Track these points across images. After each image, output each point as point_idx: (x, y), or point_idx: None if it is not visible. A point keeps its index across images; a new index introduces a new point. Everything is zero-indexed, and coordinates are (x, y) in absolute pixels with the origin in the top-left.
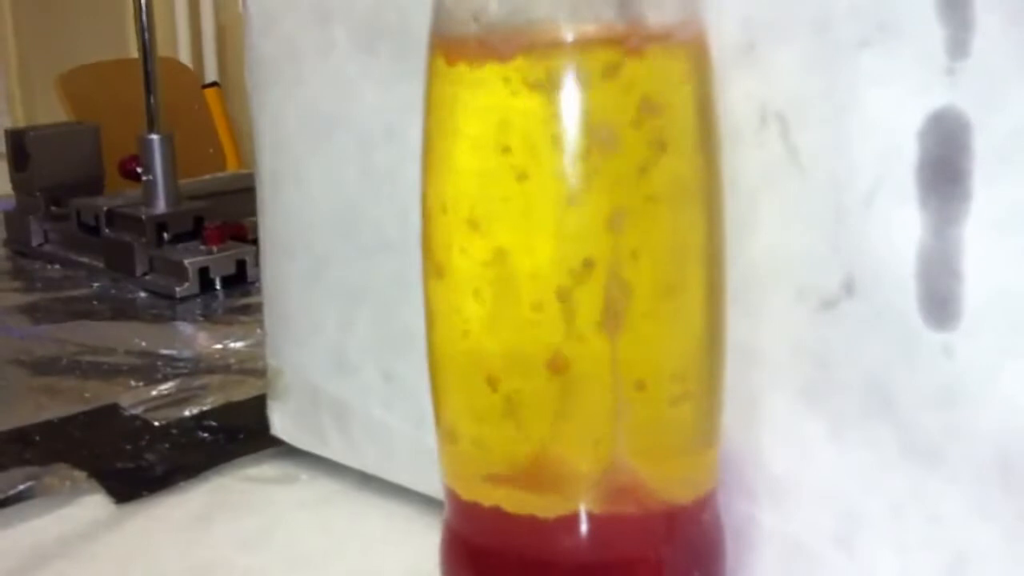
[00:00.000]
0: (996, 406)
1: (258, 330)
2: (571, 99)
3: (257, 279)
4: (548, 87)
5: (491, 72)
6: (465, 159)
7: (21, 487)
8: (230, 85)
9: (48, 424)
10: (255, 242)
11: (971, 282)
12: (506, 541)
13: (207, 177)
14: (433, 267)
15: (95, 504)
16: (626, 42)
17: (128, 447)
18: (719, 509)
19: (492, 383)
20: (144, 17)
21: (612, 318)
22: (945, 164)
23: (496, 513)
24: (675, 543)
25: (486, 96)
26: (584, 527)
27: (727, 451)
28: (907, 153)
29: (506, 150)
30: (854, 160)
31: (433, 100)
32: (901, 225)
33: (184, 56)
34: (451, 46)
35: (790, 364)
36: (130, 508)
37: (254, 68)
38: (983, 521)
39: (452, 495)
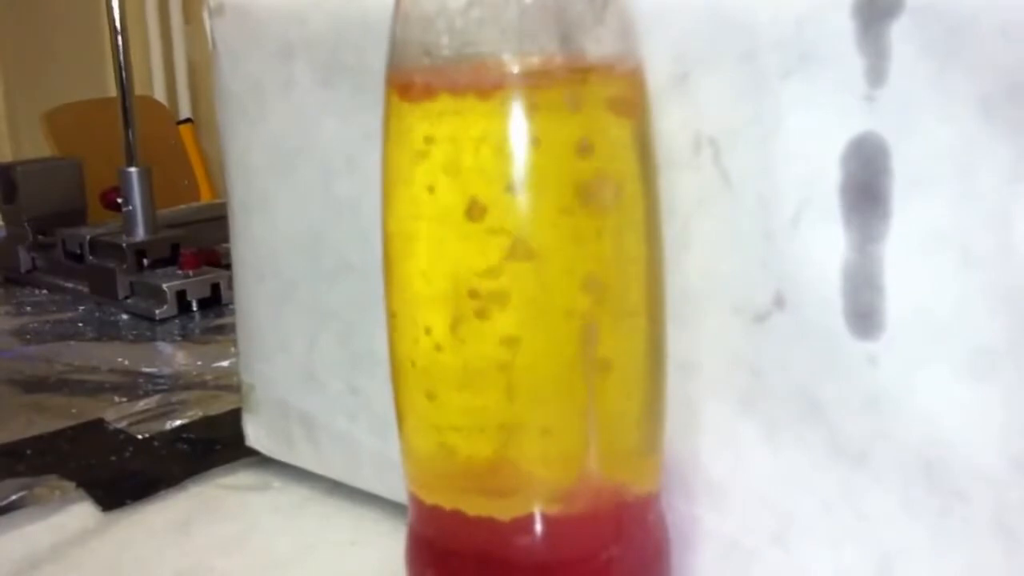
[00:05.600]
0: (918, 410)
1: (232, 348)
2: (517, 129)
3: (231, 301)
4: (495, 118)
5: (442, 104)
6: (420, 187)
7: (14, 497)
8: (202, 121)
9: (38, 438)
10: (228, 267)
11: (892, 295)
12: (466, 542)
13: (183, 207)
14: (394, 287)
15: (83, 512)
16: (569, 74)
17: (113, 459)
18: (663, 510)
19: (452, 395)
20: (122, 59)
21: (570, 338)
22: (866, 186)
23: (456, 516)
24: (623, 543)
25: (438, 127)
26: (539, 528)
27: (669, 456)
28: (831, 176)
29: (457, 178)
30: (782, 182)
31: (389, 132)
32: (826, 243)
33: (159, 94)
34: (404, 79)
35: (726, 374)
36: (116, 516)
37: (223, 104)
38: (908, 517)
39: (415, 499)
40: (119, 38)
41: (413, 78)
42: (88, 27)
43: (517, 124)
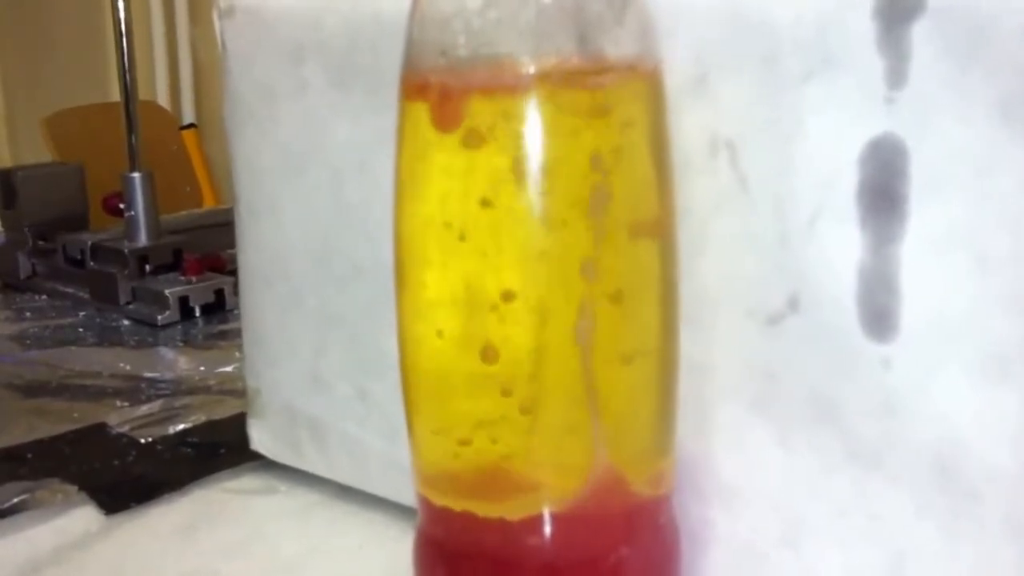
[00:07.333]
0: (931, 413)
1: (236, 354)
2: (533, 130)
3: (235, 307)
4: (511, 119)
5: (457, 105)
6: (433, 190)
7: (15, 500)
8: (206, 126)
9: (40, 442)
10: (233, 273)
11: (907, 298)
12: (476, 543)
13: (186, 213)
14: (405, 291)
15: (86, 516)
16: (586, 75)
17: (116, 462)
18: (675, 512)
19: (463, 399)
20: (126, 63)
21: (580, 341)
22: (883, 188)
23: (466, 516)
24: (634, 544)
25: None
26: (549, 529)
27: (682, 459)
28: (848, 178)
29: (471, 180)
30: (799, 185)
31: (404, 133)
32: (842, 245)
33: (162, 99)
34: (420, 80)
35: (740, 377)
36: (119, 519)
37: (231, 107)
38: (921, 520)
39: (424, 501)
40: (124, 41)
41: (429, 79)
42: (90, 31)
43: (533, 124)
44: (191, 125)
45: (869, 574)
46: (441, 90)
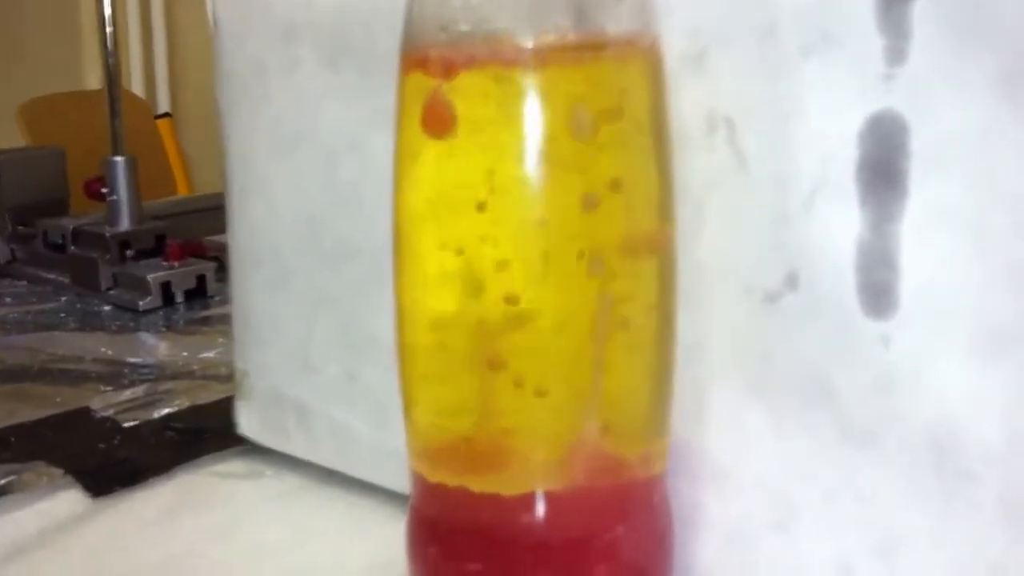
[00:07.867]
0: (929, 392)
1: (220, 340)
2: (532, 106)
3: (217, 293)
4: (510, 95)
5: (458, 80)
6: (433, 166)
7: (1, 482)
8: (181, 115)
9: (23, 426)
10: (215, 259)
11: (907, 274)
12: (471, 519)
13: (168, 199)
14: (404, 267)
15: (71, 499)
16: (584, 51)
17: (101, 446)
18: (668, 493)
19: (460, 375)
20: (110, 47)
21: (579, 320)
22: (883, 165)
23: (461, 492)
24: (628, 523)
25: (453, 103)
26: (544, 506)
27: (675, 440)
28: (847, 154)
29: (470, 156)
30: (798, 162)
31: (404, 109)
32: (841, 222)
33: (137, 88)
34: (419, 56)
35: (735, 358)
36: (104, 503)
37: (224, 85)
38: (914, 503)
39: (419, 478)
40: (107, 25)
41: (429, 54)
42: (64, 19)
43: (531, 101)
44: (166, 114)
45: (861, 557)
46: (441, 65)
